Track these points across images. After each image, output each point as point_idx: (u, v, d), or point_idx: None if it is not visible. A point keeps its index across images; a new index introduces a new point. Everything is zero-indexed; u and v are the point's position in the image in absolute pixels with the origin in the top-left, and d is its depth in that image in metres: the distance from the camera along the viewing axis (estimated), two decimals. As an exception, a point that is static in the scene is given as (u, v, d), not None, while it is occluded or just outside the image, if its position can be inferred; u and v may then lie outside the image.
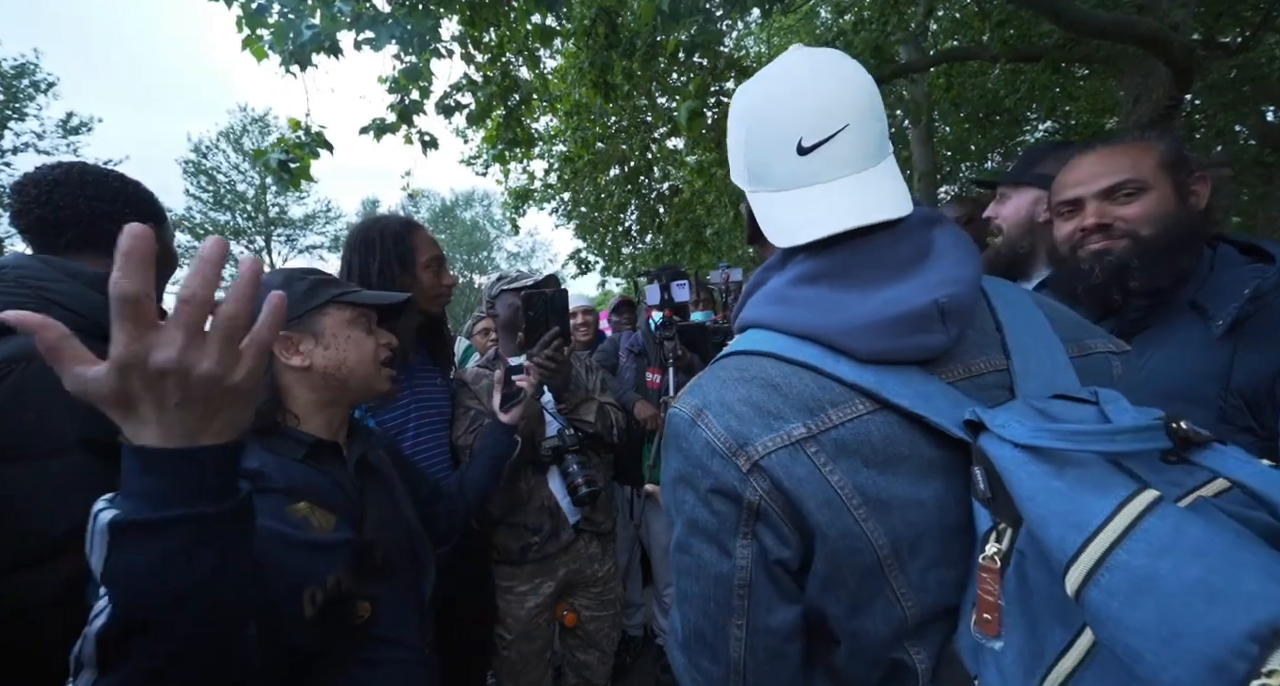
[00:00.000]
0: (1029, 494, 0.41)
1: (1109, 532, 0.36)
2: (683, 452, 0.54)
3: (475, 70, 3.59)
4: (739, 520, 0.50)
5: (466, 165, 7.43)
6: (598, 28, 3.40)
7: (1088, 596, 0.36)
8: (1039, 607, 0.42)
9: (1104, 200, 0.91)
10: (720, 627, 0.52)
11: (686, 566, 0.54)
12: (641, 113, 5.63)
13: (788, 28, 7.43)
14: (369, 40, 2.77)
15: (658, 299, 2.16)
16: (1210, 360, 0.81)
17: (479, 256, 28.85)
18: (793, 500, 0.49)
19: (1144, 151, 0.90)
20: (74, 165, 0.98)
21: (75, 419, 0.78)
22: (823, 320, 0.53)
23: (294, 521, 0.74)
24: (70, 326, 0.84)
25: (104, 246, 0.98)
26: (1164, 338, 0.88)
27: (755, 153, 0.59)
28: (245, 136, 18.28)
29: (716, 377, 0.56)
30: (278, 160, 2.88)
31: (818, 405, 0.50)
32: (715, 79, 3.77)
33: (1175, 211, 0.87)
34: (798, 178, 0.56)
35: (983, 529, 0.45)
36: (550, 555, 1.49)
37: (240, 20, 2.64)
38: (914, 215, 0.56)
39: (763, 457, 0.49)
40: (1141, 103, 3.55)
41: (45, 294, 0.84)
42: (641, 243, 8.10)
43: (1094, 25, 3.05)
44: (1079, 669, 0.39)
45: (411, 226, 1.34)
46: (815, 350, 0.53)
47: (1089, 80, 6.38)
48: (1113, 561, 0.35)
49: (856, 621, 0.51)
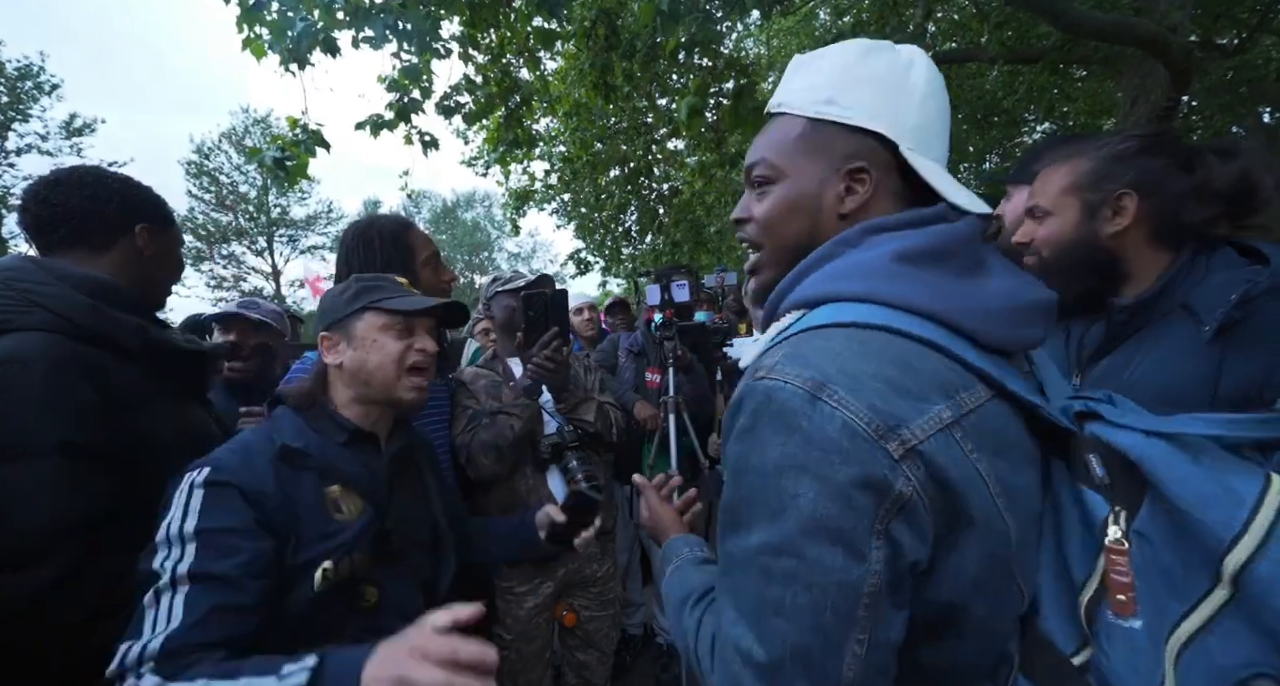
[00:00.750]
0: (1178, 477, 0.45)
1: (1267, 510, 0.41)
2: (802, 435, 0.44)
3: (475, 71, 3.60)
4: (876, 516, 0.43)
5: (468, 166, 7.45)
6: (598, 29, 3.41)
7: (1256, 569, 0.41)
8: (1157, 583, 0.46)
9: (1031, 218, 0.97)
10: (837, 645, 0.43)
11: (789, 573, 0.44)
12: (641, 114, 5.64)
13: (787, 29, 7.45)
14: (368, 38, 2.79)
15: (658, 299, 2.17)
16: (1199, 365, 0.80)
17: (480, 257, 28.86)
18: (949, 491, 0.44)
19: (1060, 175, 0.92)
20: (78, 167, 1.00)
21: (54, 422, 0.79)
22: (949, 302, 0.50)
23: (325, 501, 0.83)
24: (56, 330, 0.85)
25: (97, 245, 0.98)
26: (1155, 341, 0.87)
27: (927, 119, 0.58)
28: (247, 137, 18.33)
29: (826, 349, 0.47)
30: (273, 157, 2.89)
31: (951, 388, 0.47)
32: (715, 79, 3.78)
33: (1074, 235, 0.89)
34: (941, 161, 0.59)
35: (1099, 514, 0.49)
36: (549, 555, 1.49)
37: (239, 20, 2.65)
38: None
39: (920, 443, 0.44)
40: (1139, 104, 3.56)
41: (31, 296, 0.85)
42: (641, 243, 8.11)
43: (1092, 27, 3.06)
44: (1198, 634, 0.44)
45: (406, 225, 1.35)
46: (940, 331, 0.49)
47: (1087, 81, 6.39)
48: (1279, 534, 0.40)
49: (994, 617, 0.49)
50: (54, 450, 0.78)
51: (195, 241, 17.83)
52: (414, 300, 0.95)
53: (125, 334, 0.91)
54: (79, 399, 0.82)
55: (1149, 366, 0.85)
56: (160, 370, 0.96)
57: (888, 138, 0.56)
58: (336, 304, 0.93)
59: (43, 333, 0.83)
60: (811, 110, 0.58)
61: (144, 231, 1.02)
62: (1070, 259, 0.90)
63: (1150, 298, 0.87)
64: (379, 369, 0.90)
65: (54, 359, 0.81)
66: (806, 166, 0.59)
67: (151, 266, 1.05)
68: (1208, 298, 0.81)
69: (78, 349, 0.85)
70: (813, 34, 7.17)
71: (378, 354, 0.90)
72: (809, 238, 0.59)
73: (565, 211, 8.16)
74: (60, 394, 0.80)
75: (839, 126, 0.57)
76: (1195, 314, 0.82)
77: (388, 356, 0.91)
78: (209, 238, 18.14)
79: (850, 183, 0.57)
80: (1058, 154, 0.96)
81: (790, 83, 0.62)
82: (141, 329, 0.93)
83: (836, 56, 0.59)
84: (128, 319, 0.92)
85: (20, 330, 0.83)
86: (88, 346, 0.86)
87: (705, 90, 3.31)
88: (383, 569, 0.87)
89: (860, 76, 0.57)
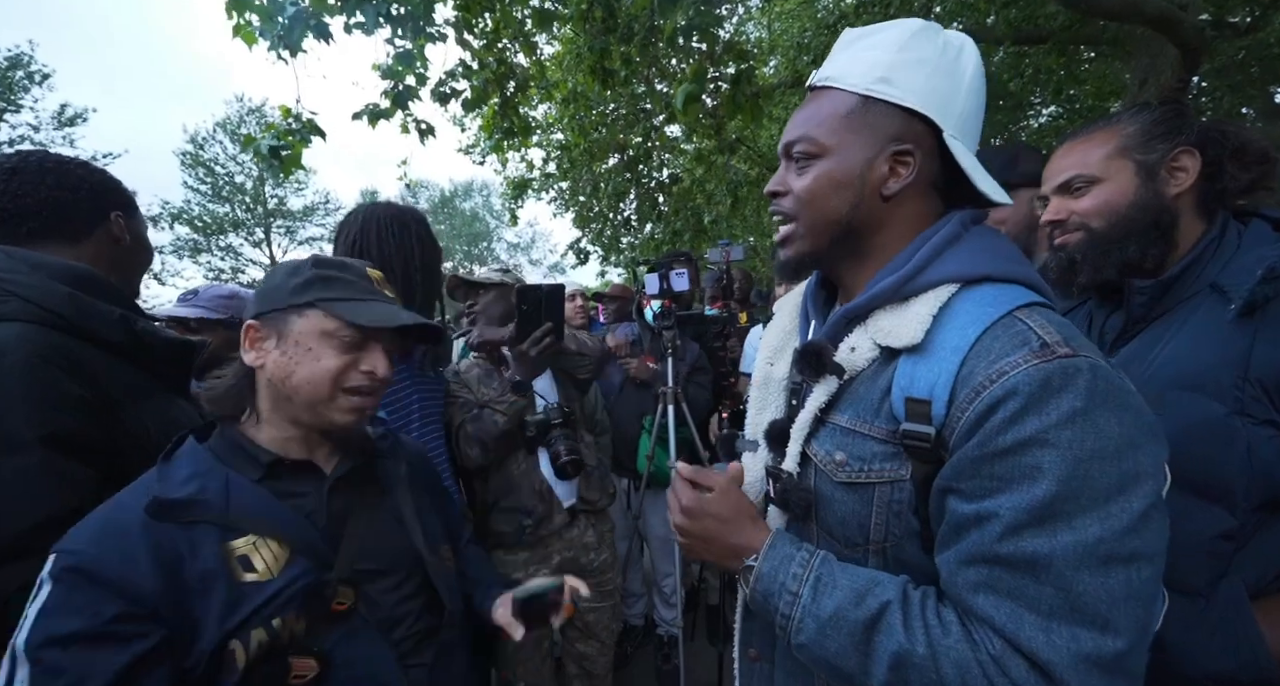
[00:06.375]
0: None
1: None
2: (1133, 412, 0.47)
3: (471, 56, 3.53)
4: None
5: (464, 153, 7.37)
6: (595, 12, 3.33)
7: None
8: None
9: (1062, 194, 0.91)
10: (1158, 604, 0.47)
11: (1135, 553, 0.44)
12: (640, 100, 5.55)
13: (788, 12, 7.29)
14: (359, 24, 2.72)
15: (657, 288, 2.14)
16: (1227, 346, 0.75)
17: (479, 247, 28.70)
18: None
19: (1097, 142, 0.87)
20: (33, 153, 0.94)
21: (35, 414, 0.76)
22: (1050, 292, 0.57)
23: (229, 561, 0.65)
24: (32, 320, 0.81)
25: (68, 235, 0.95)
26: (1182, 322, 0.81)
27: (971, 106, 0.59)
28: (242, 127, 18.13)
29: (1067, 326, 0.51)
30: (268, 146, 2.84)
31: None
32: (714, 64, 3.70)
33: (1133, 199, 0.84)
34: (973, 149, 0.60)
35: None
36: (543, 538, 1.50)
37: (228, 6, 2.59)
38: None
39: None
40: (1148, 85, 3.48)
41: (6, 285, 0.81)
42: (641, 232, 8.04)
43: (1102, 5, 2.99)
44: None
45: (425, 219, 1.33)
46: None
47: (1095, 63, 6.27)
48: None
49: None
50: (36, 443, 0.75)
51: (192, 233, 17.72)
52: (378, 310, 0.75)
53: (107, 324, 0.88)
54: (60, 390, 0.79)
55: (1174, 350, 0.80)
56: (144, 362, 0.93)
57: (934, 122, 0.57)
58: (281, 288, 0.73)
59: (19, 323, 0.80)
60: (864, 87, 0.58)
61: (119, 219, 0.99)
62: (1135, 224, 0.84)
63: (1171, 277, 0.82)
64: (306, 384, 0.71)
65: (32, 349, 0.78)
66: (854, 144, 0.58)
67: (127, 255, 1.02)
68: (1238, 275, 0.76)
69: (57, 339, 0.81)
70: (815, 17, 7.01)
71: (309, 366, 0.71)
72: (850, 215, 0.60)
73: (564, 200, 8.08)
74: (40, 386, 0.77)
75: (891, 106, 0.57)
76: (1225, 293, 0.77)
77: (321, 372, 0.71)
78: (205, 229, 18.02)
79: (895, 164, 0.58)
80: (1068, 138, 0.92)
81: (840, 58, 0.61)
82: (125, 319, 0.90)
83: (892, 34, 0.59)
84: (110, 309, 0.88)
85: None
86: (67, 337, 0.83)
87: (702, 76, 3.24)
88: (329, 628, 0.69)
89: (915, 58, 0.57)
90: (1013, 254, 0.58)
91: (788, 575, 0.56)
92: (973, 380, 0.49)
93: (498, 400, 1.39)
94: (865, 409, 0.58)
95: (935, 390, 0.51)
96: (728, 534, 0.62)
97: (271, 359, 0.72)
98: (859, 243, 0.62)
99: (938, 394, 0.51)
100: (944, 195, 0.62)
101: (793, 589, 0.55)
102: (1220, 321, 0.76)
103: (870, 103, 0.58)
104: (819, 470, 0.61)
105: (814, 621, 0.52)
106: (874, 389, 0.57)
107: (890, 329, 0.56)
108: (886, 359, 0.57)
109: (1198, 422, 0.75)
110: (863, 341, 0.59)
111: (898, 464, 0.54)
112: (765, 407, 0.74)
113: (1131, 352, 0.85)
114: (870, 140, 0.58)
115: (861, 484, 0.56)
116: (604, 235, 8.28)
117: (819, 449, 0.61)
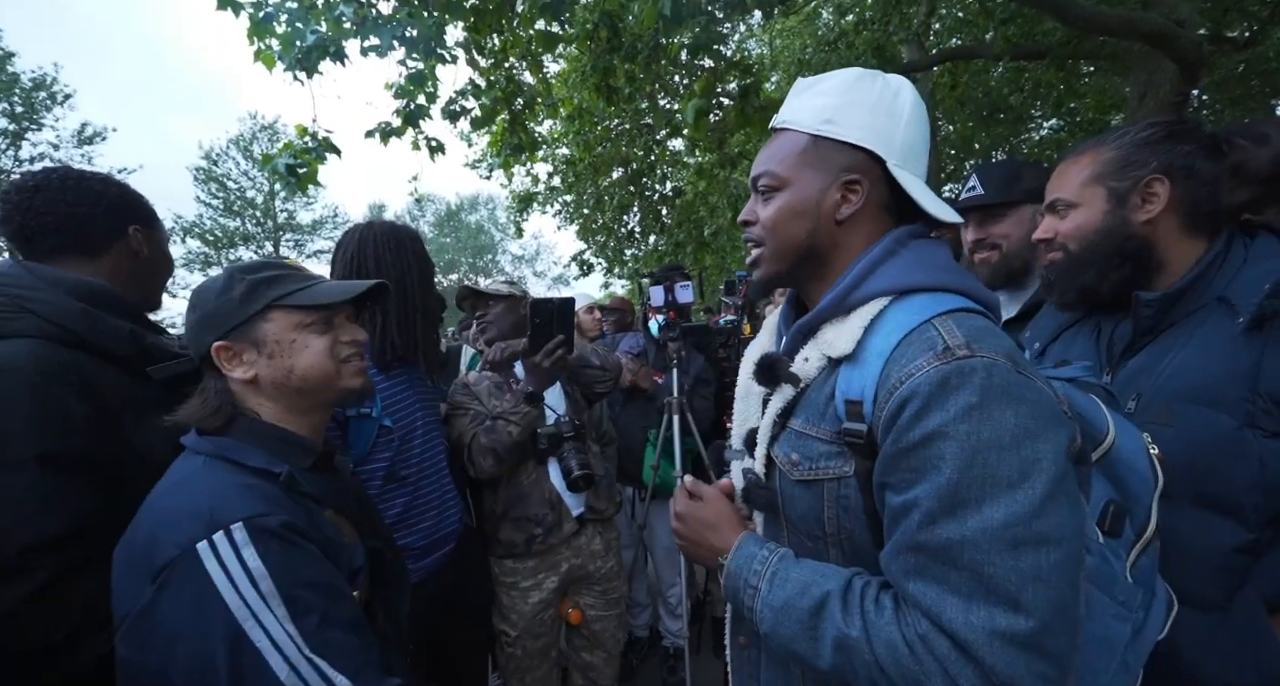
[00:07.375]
0: (1080, 405, 0.68)
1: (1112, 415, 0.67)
2: (1029, 405, 0.51)
3: (479, 75, 3.63)
4: (1076, 466, 0.54)
5: (470, 168, 7.50)
6: (600, 32, 3.42)
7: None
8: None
9: (1051, 214, 0.94)
10: (1078, 589, 0.50)
11: (1042, 536, 0.48)
12: (643, 115, 5.65)
13: (790, 29, 7.43)
14: (374, 47, 2.82)
15: (662, 300, 2.17)
16: (1236, 359, 0.75)
17: (484, 259, 28.98)
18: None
19: (1082, 165, 0.90)
20: (56, 170, 0.95)
21: (36, 433, 0.76)
22: (984, 293, 0.63)
23: (331, 529, 0.74)
24: (45, 336, 0.83)
25: (87, 250, 0.95)
26: (1189, 336, 0.82)
27: (911, 139, 0.66)
28: (255, 143, 18.51)
29: (987, 329, 0.56)
30: (285, 165, 2.93)
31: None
32: (718, 80, 3.77)
33: (1099, 225, 0.87)
34: (921, 175, 0.67)
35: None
36: (552, 546, 1.51)
37: (249, 32, 2.69)
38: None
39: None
40: (1148, 99, 3.52)
41: (21, 302, 0.83)
42: (644, 244, 8.11)
43: (1099, 22, 3.04)
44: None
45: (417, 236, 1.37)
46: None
47: (1094, 77, 6.33)
48: None
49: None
50: (33, 462, 0.76)
51: (203, 247, 18.01)
52: (326, 289, 0.81)
53: (117, 340, 0.88)
54: (65, 409, 0.79)
55: (1182, 363, 0.81)
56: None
57: (878, 155, 0.64)
58: (224, 306, 0.75)
59: (31, 339, 0.81)
60: (813, 128, 0.66)
61: (137, 233, 1.00)
62: (1102, 250, 0.87)
63: (1178, 290, 0.83)
64: (311, 370, 0.77)
65: (40, 367, 0.79)
66: (809, 176, 0.67)
67: (147, 267, 1.03)
68: (1245, 289, 0.77)
69: (67, 356, 0.82)
70: (815, 34, 7.15)
71: (304, 356, 0.77)
72: (809, 239, 0.67)
73: (568, 213, 8.19)
74: (45, 404, 0.78)
75: (837, 143, 0.65)
76: (1233, 307, 0.78)
77: (317, 356, 0.78)
78: (216, 243, 18.31)
79: (845, 192, 0.66)
80: (1068, 153, 0.95)
81: (794, 103, 0.70)
82: (135, 335, 0.90)
83: (836, 81, 0.67)
84: (120, 324, 0.89)
85: (8, 337, 0.80)
86: (78, 353, 0.84)
87: (711, 90, 3.31)
88: (382, 589, 0.81)
89: (856, 101, 0.65)
90: (945, 264, 0.64)
91: (749, 571, 0.63)
92: (888, 382, 0.56)
93: (511, 411, 1.41)
94: (814, 413, 0.64)
95: (865, 391, 0.58)
96: (710, 537, 0.71)
97: (261, 367, 0.76)
98: (819, 263, 0.69)
99: (866, 394, 0.58)
100: (898, 217, 0.69)
101: (754, 583, 0.62)
102: (1228, 335, 0.77)
103: (819, 141, 0.66)
104: (781, 471, 0.67)
105: (770, 611, 0.59)
106: (821, 395, 0.64)
107: (831, 340, 0.63)
108: (832, 368, 0.64)
109: (1208, 436, 0.75)
110: (813, 352, 0.66)
111: (841, 461, 0.61)
112: (747, 419, 0.79)
113: (1140, 364, 0.86)
114: (823, 173, 0.66)
115: (812, 481, 0.63)
116: (608, 247, 8.36)
117: (779, 452, 0.67)
